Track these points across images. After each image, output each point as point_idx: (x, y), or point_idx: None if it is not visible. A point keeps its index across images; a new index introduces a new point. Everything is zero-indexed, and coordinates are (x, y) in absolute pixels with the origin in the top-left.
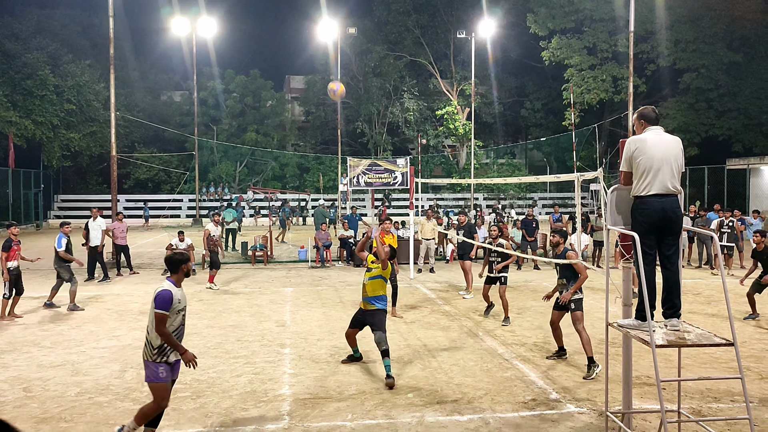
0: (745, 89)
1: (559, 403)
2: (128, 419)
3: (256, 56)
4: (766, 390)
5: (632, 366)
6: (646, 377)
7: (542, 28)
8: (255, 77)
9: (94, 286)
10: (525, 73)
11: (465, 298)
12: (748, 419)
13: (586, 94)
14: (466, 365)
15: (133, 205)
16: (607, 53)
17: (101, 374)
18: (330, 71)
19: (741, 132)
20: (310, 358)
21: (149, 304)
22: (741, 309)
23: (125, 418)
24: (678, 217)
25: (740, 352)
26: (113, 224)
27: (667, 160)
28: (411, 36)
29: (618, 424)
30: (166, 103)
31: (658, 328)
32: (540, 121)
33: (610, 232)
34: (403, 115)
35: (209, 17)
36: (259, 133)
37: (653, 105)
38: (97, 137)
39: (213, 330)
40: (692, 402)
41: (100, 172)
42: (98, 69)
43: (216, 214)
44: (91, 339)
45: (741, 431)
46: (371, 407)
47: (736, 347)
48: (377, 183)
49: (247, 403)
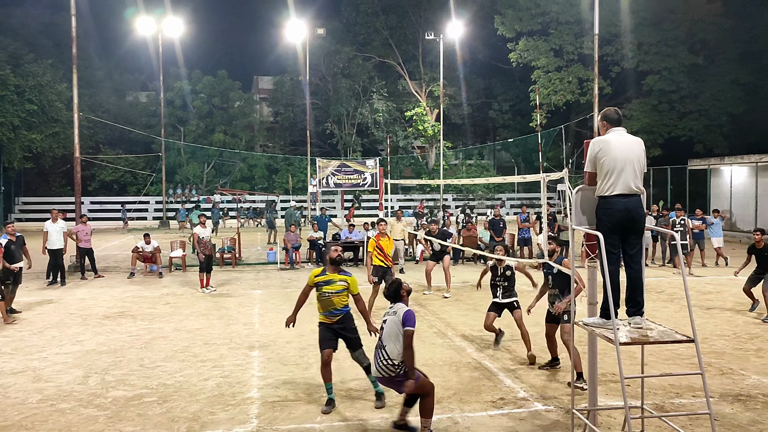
0: (705, 91)
1: (526, 401)
2: (93, 426)
3: (223, 57)
4: (726, 385)
5: (597, 364)
6: (611, 375)
7: (509, 30)
8: (223, 78)
9: (54, 290)
10: (493, 75)
11: (445, 297)
12: (708, 414)
13: (552, 96)
14: (435, 365)
15: (99, 208)
16: (572, 55)
17: (64, 380)
18: (299, 72)
19: (702, 133)
20: (279, 361)
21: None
22: (702, 306)
23: (89, 425)
24: (641, 216)
25: (701, 348)
26: (77, 227)
27: (630, 160)
28: (380, 37)
29: (584, 422)
30: (132, 104)
31: (622, 326)
32: (508, 122)
33: (576, 231)
34: (373, 116)
35: (175, 17)
36: (227, 134)
37: (618, 106)
38: (60, 138)
39: (180, 333)
40: (656, 398)
41: (64, 174)
42: (61, 69)
43: (201, 215)
44: (53, 344)
45: (702, 425)
46: (341, 409)
47: (696, 344)
48: (347, 184)
49: (215, 406)
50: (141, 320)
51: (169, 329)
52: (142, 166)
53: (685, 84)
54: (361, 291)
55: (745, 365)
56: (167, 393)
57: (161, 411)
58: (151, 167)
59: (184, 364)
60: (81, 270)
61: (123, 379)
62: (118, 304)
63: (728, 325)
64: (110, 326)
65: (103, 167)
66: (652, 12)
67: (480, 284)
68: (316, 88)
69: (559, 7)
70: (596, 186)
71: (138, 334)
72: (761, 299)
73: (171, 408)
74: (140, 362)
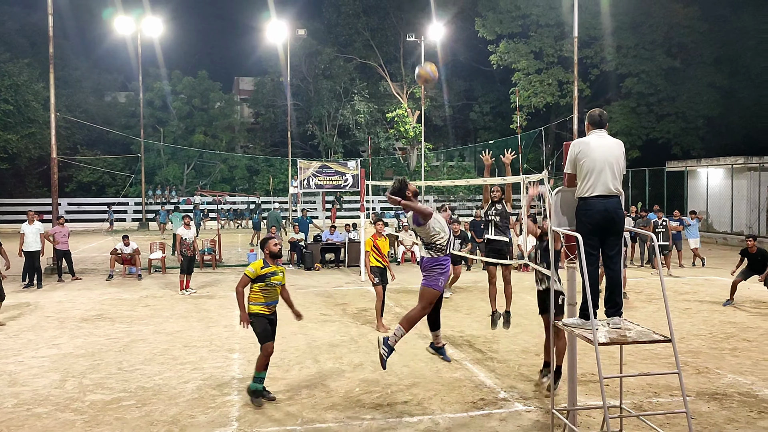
0: (682, 94)
1: (507, 402)
2: (70, 430)
3: (204, 57)
4: (702, 384)
5: (577, 364)
6: (590, 374)
7: (490, 32)
8: (203, 78)
9: (30, 293)
10: (474, 77)
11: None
12: (685, 413)
13: (533, 98)
14: (416, 367)
15: (76, 209)
16: (552, 58)
17: (40, 384)
18: (280, 73)
19: (679, 135)
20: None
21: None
22: (679, 306)
23: (66, 430)
24: (620, 217)
25: (678, 348)
26: (54, 228)
27: (609, 162)
28: (361, 38)
29: (563, 421)
30: (111, 104)
31: (601, 327)
32: (488, 124)
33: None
34: (354, 118)
35: (155, 17)
36: (207, 135)
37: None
38: (36, 139)
39: (159, 336)
40: (634, 397)
41: (40, 175)
42: (37, 68)
43: (186, 216)
44: (29, 348)
45: (679, 424)
46: (321, 410)
47: (673, 343)
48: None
49: (195, 409)
50: (119, 323)
51: (148, 332)
52: (120, 167)
53: (663, 87)
54: (368, 294)
55: (720, 364)
56: (146, 396)
57: (140, 415)
58: (130, 168)
59: (163, 366)
60: (58, 272)
61: (101, 382)
62: (96, 306)
63: (704, 324)
64: (88, 329)
65: (81, 168)
66: (630, 16)
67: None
68: (297, 89)
69: (539, 10)
70: (575, 187)
71: (116, 337)
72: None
73: (150, 411)
74: (118, 365)
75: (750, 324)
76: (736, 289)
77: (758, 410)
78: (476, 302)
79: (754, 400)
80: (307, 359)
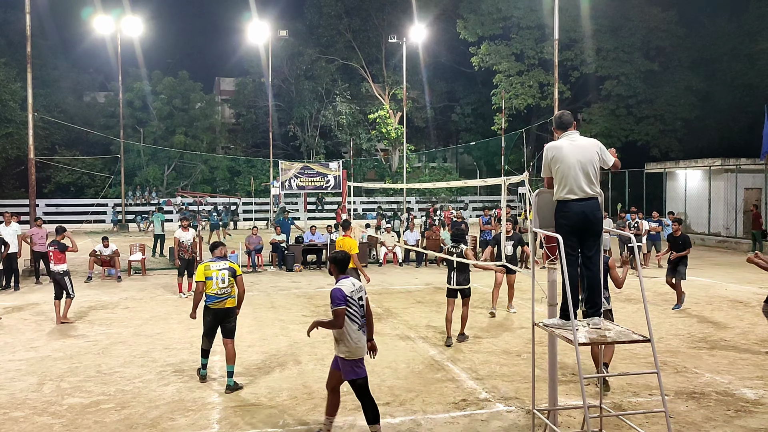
0: (660, 97)
1: (488, 402)
2: None
3: (185, 57)
4: (681, 383)
5: (557, 364)
6: (571, 374)
7: (472, 34)
8: (184, 79)
9: (7, 295)
10: (455, 78)
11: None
12: (664, 412)
13: (514, 100)
14: (397, 367)
15: (55, 210)
16: (533, 60)
17: (17, 388)
18: (261, 73)
19: (658, 137)
20: (241, 365)
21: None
22: (660, 306)
23: None
24: (598, 219)
25: (657, 348)
26: (31, 230)
27: (583, 164)
28: (343, 40)
29: (544, 421)
30: (90, 105)
31: (581, 327)
32: (470, 125)
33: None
34: (336, 119)
35: (135, 16)
36: (188, 136)
37: (577, 110)
38: (13, 139)
39: (140, 338)
40: (614, 397)
41: (18, 176)
42: (14, 68)
43: (184, 218)
44: (6, 351)
45: (658, 423)
46: (303, 413)
47: (652, 343)
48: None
49: (175, 413)
50: (98, 325)
51: (128, 334)
52: (100, 168)
53: (642, 89)
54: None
55: (698, 363)
56: (125, 399)
57: (119, 418)
58: (109, 169)
59: (143, 369)
60: (36, 274)
61: (79, 385)
62: (73, 308)
63: (683, 324)
64: (66, 332)
65: (60, 169)
66: (610, 19)
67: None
68: (278, 90)
69: (520, 13)
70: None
71: (95, 340)
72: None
73: (129, 415)
74: (97, 368)
75: (727, 323)
76: (678, 288)
77: (735, 409)
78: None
79: (731, 398)
80: (288, 361)
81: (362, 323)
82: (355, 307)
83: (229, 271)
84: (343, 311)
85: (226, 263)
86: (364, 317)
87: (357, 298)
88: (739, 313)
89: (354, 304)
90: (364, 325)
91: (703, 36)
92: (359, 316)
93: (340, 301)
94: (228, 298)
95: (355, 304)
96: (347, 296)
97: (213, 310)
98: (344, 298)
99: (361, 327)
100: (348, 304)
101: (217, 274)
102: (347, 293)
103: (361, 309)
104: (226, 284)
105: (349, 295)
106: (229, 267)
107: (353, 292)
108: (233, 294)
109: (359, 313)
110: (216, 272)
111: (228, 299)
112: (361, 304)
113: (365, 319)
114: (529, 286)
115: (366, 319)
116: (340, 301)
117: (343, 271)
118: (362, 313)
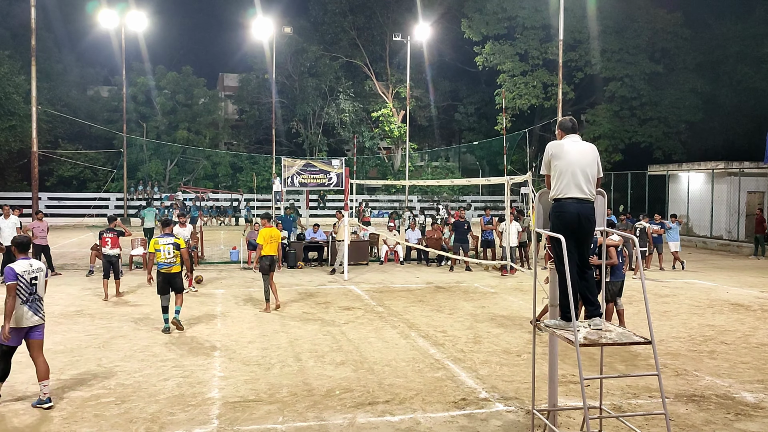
0: (665, 99)
1: (488, 402)
2: (47, 426)
3: (188, 53)
4: (681, 386)
5: (558, 365)
6: (571, 375)
7: (476, 33)
8: (187, 74)
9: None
10: (459, 78)
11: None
12: (664, 414)
13: (517, 100)
14: (398, 366)
15: (57, 204)
16: (538, 60)
17: (18, 380)
18: (265, 70)
19: (661, 139)
20: (241, 361)
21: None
22: (659, 309)
23: (44, 426)
24: (591, 224)
25: (657, 350)
26: (32, 223)
27: (582, 165)
28: (347, 37)
29: (544, 422)
30: (94, 99)
31: (582, 328)
32: (473, 125)
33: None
34: (339, 116)
35: (139, 11)
36: (190, 131)
37: (581, 111)
38: (17, 132)
39: (140, 333)
40: (614, 398)
41: (20, 169)
42: (19, 60)
43: (182, 215)
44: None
45: (658, 425)
46: (302, 409)
47: (653, 345)
48: (312, 183)
49: (175, 407)
50: (99, 319)
51: (129, 328)
52: (102, 162)
53: (646, 91)
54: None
55: (699, 366)
56: (125, 393)
57: (119, 412)
58: (112, 163)
59: (143, 363)
60: None
61: (80, 379)
62: (75, 302)
63: (683, 327)
64: (67, 325)
65: (62, 162)
66: (615, 20)
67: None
68: (282, 87)
69: (525, 13)
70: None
71: (96, 333)
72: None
73: (129, 409)
74: (98, 362)
75: (728, 327)
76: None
77: (735, 412)
78: (459, 302)
79: (732, 402)
80: (288, 358)
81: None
82: (25, 285)
83: (173, 246)
84: (14, 286)
85: (172, 239)
86: (32, 294)
87: (29, 278)
88: (740, 316)
89: (25, 282)
90: (28, 301)
91: (709, 38)
92: (27, 293)
93: (11, 277)
94: (174, 265)
95: (26, 282)
96: (18, 274)
97: (163, 274)
98: (15, 275)
99: (24, 302)
100: (18, 281)
101: (164, 248)
102: (19, 271)
103: (32, 287)
104: (171, 255)
105: (21, 273)
106: (173, 242)
107: (25, 272)
108: (178, 262)
109: (27, 290)
110: (163, 246)
111: (174, 266)
112: (33, 283)
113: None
114: (529, 286)
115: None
116: (11, 278)
117: (23, 252)
118: (31, 290)
